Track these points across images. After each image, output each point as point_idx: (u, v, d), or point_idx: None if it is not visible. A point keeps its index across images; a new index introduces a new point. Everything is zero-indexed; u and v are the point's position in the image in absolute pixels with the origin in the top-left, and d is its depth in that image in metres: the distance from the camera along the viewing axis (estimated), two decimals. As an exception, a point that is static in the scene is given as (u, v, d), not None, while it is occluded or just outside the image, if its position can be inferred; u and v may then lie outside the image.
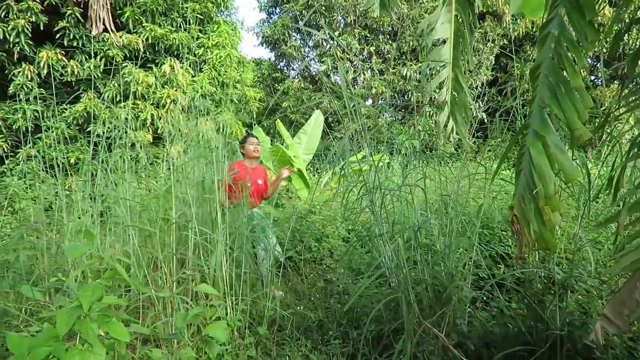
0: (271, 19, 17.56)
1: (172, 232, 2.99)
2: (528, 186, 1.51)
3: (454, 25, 2.92)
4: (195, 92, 8.85)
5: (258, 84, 16.15)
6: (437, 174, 3.51)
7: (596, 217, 3.96)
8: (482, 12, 13.66)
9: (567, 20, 1.47)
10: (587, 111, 1.44)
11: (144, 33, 8.96)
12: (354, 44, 13.54)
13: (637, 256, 1.79)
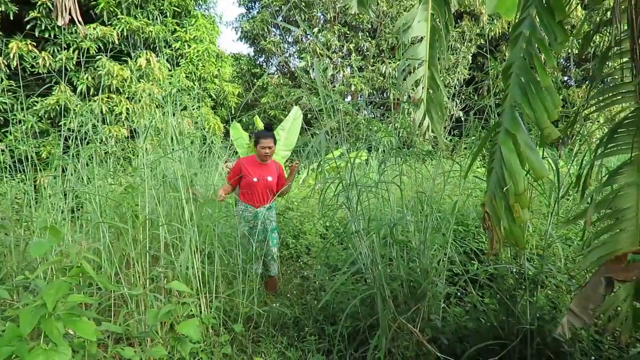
0: (250, 14, 17.40)
1: (145, 229, 2.94)
2: (499, 183, 1.53)
3: (430, 24, 2.94)
4: (172, 87, 8.71)
5: (237, 79, 16.00)
6: (413, 171, 3.54)
7: (567, 214, 4.06)
8: (459, 12, 13.82)
9: (538, 21, 1.49)
10: (558, 110, 1.46)
11: (119, 25, 8.76)
12: (333, 41, 13.53)
13: (603, 252, 1.84)
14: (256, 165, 3.93)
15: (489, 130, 1.74)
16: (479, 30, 13.29)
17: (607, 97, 1.83)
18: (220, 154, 5.95)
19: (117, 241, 3.14)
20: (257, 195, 3.88)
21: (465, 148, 5.02)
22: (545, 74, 1.42)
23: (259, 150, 3.88)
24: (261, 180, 3.86)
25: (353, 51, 13.80)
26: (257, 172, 3.87)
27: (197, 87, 9.70)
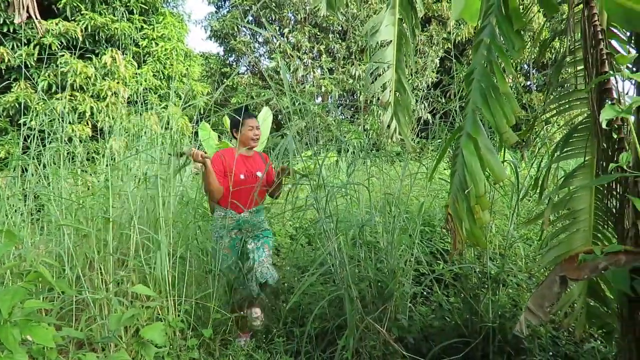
0: (220, 13, 17.23)
1: (109, 231, 2.87)
2: (461, 186, 1.58)
3: (397, 28, 2.99)
4: (139, 85, 8.52)
5: (206, 78, 15.79)
6: (382, 172, 3.60)
7: (528, 214, 4.21)
8: (428, 17, 14.09)
9: (497, 28, 1.55)
10: (515, 116, 1.52)
11: (83, 21, 8.50)
12: (303, 42, 13.55)
13: (560, 251, 1.92)
14: (240, 159, 3.11)
15: (452, 134, 1.79)
16: (447, 34, 13.58)
17: (563, 103, 1.91)
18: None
19: (82, 244, 3.06)
20: (243, 197, 3.04)
21: (432, 150, 5.12)
22: (503, 81, 1.47)
23: (246, 133, 3.08)
24: (249, 177, 3.09)
25: (323, 52, 13.86)
26: (242, 167, 3.09)
27: (164, 85, 9.52)
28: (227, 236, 3.01)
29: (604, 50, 1.58)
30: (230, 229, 3.04)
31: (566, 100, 1.89)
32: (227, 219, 3.01)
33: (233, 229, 3.06)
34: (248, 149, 3.19)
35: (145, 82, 9.11)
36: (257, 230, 3.12)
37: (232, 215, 3.05)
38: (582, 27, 1.65)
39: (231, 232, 3.04)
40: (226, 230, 3.02)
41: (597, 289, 1.85)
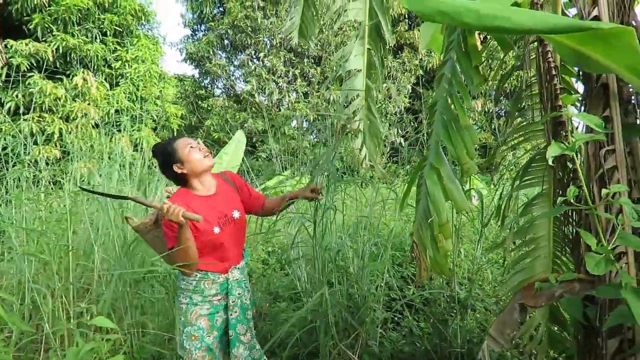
0: (196, 36, 17.30)
1: (72, 258, 2.79)
2: (425, 215, 1.62)
3: (366, 58, 3.07)
4: (110, 107, 8.43)
5: (180, 100, 15.73)
6: (354, 197, 3.63)
7: (496, 238, 4.30)
8: (400, 44, 14.51)
9: (457, 64, 1.62)
10: (475, 147, 1.58)
11: (54, 42, 8.41)
12: (279, 66, 13.71)
13: (522, 277, 1.97)
14: (202, 204, 2.04)
15: (417, 163, 1.84)
16: (418, 61, 13.98)
17: (523, 133, 2.00)
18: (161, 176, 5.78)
19: (44, 272, 2.96)
20: (226, 251, 2.09)
21: (403, 175, 5.21)
22: (463, 114, 1.53)
23: (189, 156, 2.03)
24: (226, 225, 2.08)
25: (298, 77, 14.04)
26: (211, 214, 2.02)
27: (137, 108, 9.43)
28: (206, 302, 2.06)
29: (558, 85, 1.66)
30: (213, 294, 2.07)
31: (525, 132, 1.97)
32: (206, 281, 2.06)
33: (216, 295, 2.08)
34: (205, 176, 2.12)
35: (117, 103, 9.01)
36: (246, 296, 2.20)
37: (215, 278, 2.07)
38: (537, 63, 1.74)
39: (213, 298, 2.07)
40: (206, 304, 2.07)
41: (558, 314, 1.90)
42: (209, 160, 2.09)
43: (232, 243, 2.11)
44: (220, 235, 2.02)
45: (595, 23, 1.10)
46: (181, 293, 2.07)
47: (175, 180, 2.12)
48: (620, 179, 1.29)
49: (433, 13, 1.34)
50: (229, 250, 2.09)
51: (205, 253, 2.01)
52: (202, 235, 1.97)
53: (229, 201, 2.15)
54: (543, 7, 1.74)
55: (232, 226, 2.10)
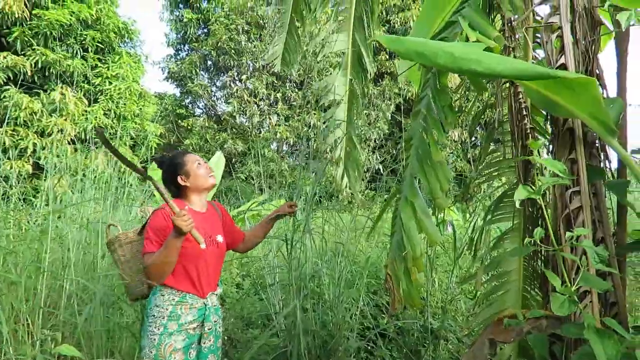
0: (179, 56, 17.34)
1: (41, 279, 2.71)
2: (399, 247, 1.64)
3: (348, 88, 3.15)
4: (88, 123, 8.31)
5: (160, 119, 15.63)
6: (330, 224, 3.64)
7: (470, 268, 4.35)
8: (381, 72, 14.82)
9: (432, 101, 1.67)
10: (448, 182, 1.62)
11: (33, 56, 8.31)
12: (261, 89, 13.82)
13: (492, 311, 2.00)
14: (195, 214, 2.06)
15: (391, 194, 1.88)
16: (398, 90, 14.29)
17: (495, 169, 2.06)
18: (136, 195, 5.68)
19: (9, 292, 2.85)
20: (204, 273, 2.02)
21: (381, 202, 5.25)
22: (437, 150, 1.58)
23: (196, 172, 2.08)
24: (210, 245, 2.05)
25: (280, 100, 14.16)
26: (200, 230, 1.94)
27: (115, 125, 9.33)
28: (182, 331, 1.93)
29: (528, 125, 1.73)
30: (190, 321, 1.96)
31: (497, 167, 2.04)
32: (183, 306, 1.95)
33: (193, 322, 1.97)
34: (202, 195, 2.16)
35: (95, 120, 8.90)
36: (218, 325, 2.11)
37: (193, 301, 1.97)
38: (509, 103, 1.82)
39: (189, 326, 1.95)
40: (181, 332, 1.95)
41: (528, 348, 1.92)
42: (213, 179, 2.14)
43: (212, 266, 2.08)
44: (204, 251, 1.98)
45: (561, 72, 1.17)
46: (153, 322, 1.92)
47: (174, 194, 2.13)
48: (585, 220, 1.34)
49: (410, 53, 1.39)
50: (209, 272, 2.05)
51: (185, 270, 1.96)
52: (189, 246, 1.92)
53: (215, 225, 2.17)
54: (515, 51, 1.82)
55: (215, 248, 2.09)
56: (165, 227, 1.91)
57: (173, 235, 1.81)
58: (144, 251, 1.92)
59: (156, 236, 1.91)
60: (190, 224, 1.78)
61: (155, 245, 1.90)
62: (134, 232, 2.10)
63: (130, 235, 2.08)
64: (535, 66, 1.25)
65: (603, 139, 1.28)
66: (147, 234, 1.93)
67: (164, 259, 1.84)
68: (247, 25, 14.31)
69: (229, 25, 14.34)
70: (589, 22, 1.46)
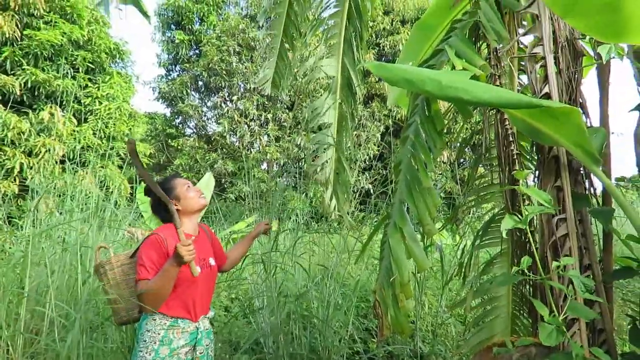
0: (170, 76, 17.41)
1: (23, 304, 2.64)
2: (387, 273, 1.63)
3: (337, 112, 3.17)
4: (77, 143, 8.25)
5: (150, 138, 15.58)
6: (319, 246, 3.63)
7: (459, 292, 4.34)
8: (371, 94, 15.00)
9: (421, 127, 1.69)
10: (436, 208, 1.63)
11: (23, 76, 8.29)
12: (251, 110, 13.88)
13: (482, 337, 1.99)
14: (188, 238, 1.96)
15: (380, 219, 1.88)
16: (387, 111, 14.45)
17: (483, 194, 2.08)
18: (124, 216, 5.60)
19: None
20: (197, 297, 2.01)
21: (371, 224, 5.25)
22: (426, 176, 1.59)
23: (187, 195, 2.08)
24: (203, 268, 2.04)
25: (271, 121, 14.22)
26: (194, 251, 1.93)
27: (104, 145, 9.27)
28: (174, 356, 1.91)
29: (515, 151, 1.76)
30: (182, 345, 1.93)
31: (485, 192, 2.05)
32: (175, 330, 1.93)
33: (185, 347, 1.94)
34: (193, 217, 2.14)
35: (84, 140, 8.84)
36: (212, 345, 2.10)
37: (185, 325, 1.95)
38: (495, 129, 1.84)
39: (181, 351, 1.93)
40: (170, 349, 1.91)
41: (517, 374, 1.91)
42: (204, 200, 2.12)
43: (204, 289, 2.06)
44: (199, 276, 1.94)
45: (545, 102, 1.19)
46: (144, 347, 1.88)
47: (164, 219, 2.08)
48: (572, 247, 1.35)
49: (399, 80, 1.41)
50: (201, 296, 2.02)
51: (177, 295, 1.93)
52: (183, 272, 1.88)
53: (207, 247, 2.17)
54: (501, 78, 1.86)
55: (208, 271, 2.08)
56: (160, 253, 1.89)
57: (171, 263, 1.80)
58: (138, 277, 1.87)
59: (151, 262, 1.87)
60: (193, 255, 1.79)
61: (150, 271, 1.86)
62: (126, 255, 2.07)
63: (122, 258, 2.05)
64: (520, 95, 1.28)
65: (587, 167, 1.30)
66: (140, 260, 1.89)
67: (161, 286, 1.82)
68: (239, 47, 14.45)
69: (220, 46, 14.47)
70: (572, 53, 1.50)
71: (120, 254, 2.08)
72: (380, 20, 15.87)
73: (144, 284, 1.83)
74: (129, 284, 2.00)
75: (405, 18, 16.14)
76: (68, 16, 9.32)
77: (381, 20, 15.88)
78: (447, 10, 2.41)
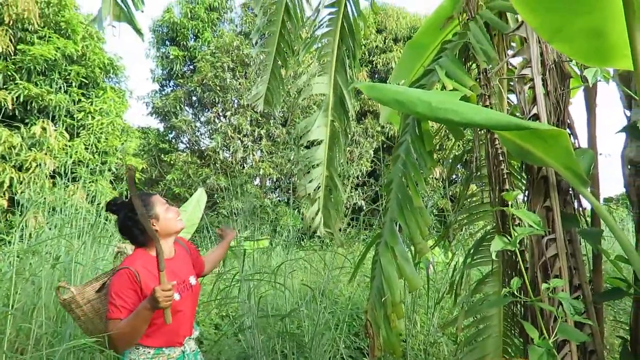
0: (164, 91, 17.44)
1: (8, 322, 2.58)
2: (379, 293, 1.62)
3: (329, 129, 3.18)
4: (68, 158, 8.18)
5: (142, 153, 15.53)
6: (310, 263, 3.61)
7: (451, 309, 4.32)
8: (364, 110, 15.12)
9: (412, 146, 1.70)
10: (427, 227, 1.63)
11: (16, 90, 8.26)
12: (245, 126, 13.91)
13: (474, 357, 1.98)
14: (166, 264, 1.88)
15: (372, 239, 1.87)
16: (380, 127, 14.55)
17: (474, 213, 2.08)
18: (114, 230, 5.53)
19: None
20: (180, 321, 1.91)
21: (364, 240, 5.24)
22: (417, 195, 1.59)
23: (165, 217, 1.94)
24: (184, 291, 1.95)
25: (264, 136, 14.25)
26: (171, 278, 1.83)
27: (96, 160, 9.21)
28: None
29: (505, 170, 1.77)
30: None
31: (475, 212, 2.06)
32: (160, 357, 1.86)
33: None
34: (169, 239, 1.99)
35: (76, 154, 8.77)
36: None
37: (170, 352, 1.88)
38: (485, 149, 1.86)
39: None
40: None
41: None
42: (181, 223, 2.00)
43: (188, 312, 1.96)
44: (179, 302, 1.86)
45: (533, 124, 1.20)
46: None
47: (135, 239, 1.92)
48: (562, 267, 1.35)
49: (390, 101, 1.42)
50: (185, 320, 1.93)
51: (157, 327, 1.80)
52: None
53: (186, 266, 2.04)
54: (490, 98, 1.88)
55: (190, 293, 1.97)
56: (132, 289, 1.76)
57: (145, 306, 1.67)
58: (109, 317, 1.74)
59: (122, 301, 1.74)
60: (169, 302, 1.67)
61: (122, 310, 1.73)
62: (92, 288, 1.89)
63: (87, 294, 1.86)
64: (510, 117, 1.29)
65: (576, 188, 1.32)
66: (111, 297, 1.76)
67: (133, 328, 1.71)
68: (233, 63, 14.55)
69: (214, 62, 14.55)
70: (559, 75, 1.53)
71: (85, 286, 1.90)
72: (374, 38, 16.11)
73: (114, 324, 1.72)
74: (102, 318, 1.86)
75: (397, 36, 16.39)
76: (63, 31, 9.35)
77: (374, 38, 16.12)
78: (438, 30, 2.45)
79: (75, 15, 9.68)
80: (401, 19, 16.49)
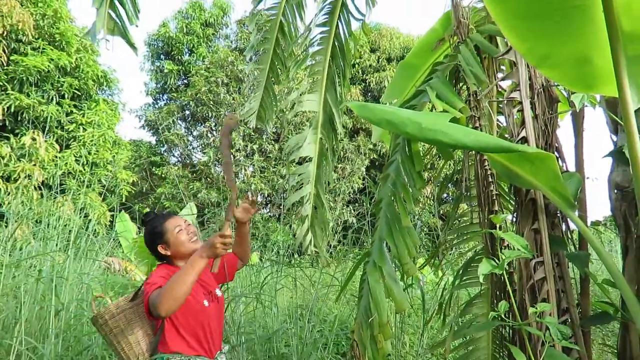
0: (157, 105, 17.45)
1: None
2: (366, 313, 1.61)
3: (318, 147, 3.19)
4: (57, 169, 8.12)
5: (134, 166, 15.44)
6: (299, 280, 3.57)
7: (440, 329, 4.29)
8: (356, 128, 15.22)
9: (402, 166, 1.71)
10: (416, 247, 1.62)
11: (7, 101, 8.22)
12: (238, 141, 13.91)
13: (463, 379, 1.95)
14: None
15: (360, 258, 1.86)
16: (372, 145, 14.63)
17: (463, 233, 2.08)
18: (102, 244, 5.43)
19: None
20: (209, 332, 1.87)
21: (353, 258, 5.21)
22: (405, 215, 1.59)
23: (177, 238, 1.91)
24: (212, 300, 1.94)
25: (256, 152, 14.26)
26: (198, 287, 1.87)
27: (86, 171, 9.14)
28: None
29: (494, 192, 1.78)
30: None
31: (466, 232, 2.06)
32: None
33: None
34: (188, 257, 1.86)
35: (66, 166, 8.71)
36: None
37: None
38: (475, 170, 1.87)
39: None
40: None
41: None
42: (195, 244, 1.93)
43: (216, 323, 1.92)
44: (209, 309, 1.86)
45: (521, 146, 1.21)
46: None
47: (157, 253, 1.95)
48: (549, 290, 1.35)
49: (380, 121, 1.43)
50: (213, 330, 1.88)
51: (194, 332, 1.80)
52: (190, 310, 1.78)
53: (209, 279, 2.01)
54: (480, 119, 1.90)
55: (216, 304, 1.95)
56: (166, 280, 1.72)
57: (200, 253, 1.62)
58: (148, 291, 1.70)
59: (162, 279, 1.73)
60: (226, 250, 1.63)
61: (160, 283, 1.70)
62: (125, 299, 1.91)
63: (121, 303, 1.88)
64: (499, 140, 1.30)
65: (563, 211, 1.32)
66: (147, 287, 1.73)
67: (183, 279, 1.59)
68: (227, 78, 14.62)
69: (208, 77, 14.62)
70: (547, 99, 1.55)
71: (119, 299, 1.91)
72: (367, 57, 16.31)
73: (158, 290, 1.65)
74: (134, 329, 1.85)
75: (391, 56, 16.62)
76: (57, 43, 9.35)
77: (368, 57, 16.33)
78: (430, 52, 2.48)
79: (70, 28, 9.70)
80: (394, 39, 16.74)
